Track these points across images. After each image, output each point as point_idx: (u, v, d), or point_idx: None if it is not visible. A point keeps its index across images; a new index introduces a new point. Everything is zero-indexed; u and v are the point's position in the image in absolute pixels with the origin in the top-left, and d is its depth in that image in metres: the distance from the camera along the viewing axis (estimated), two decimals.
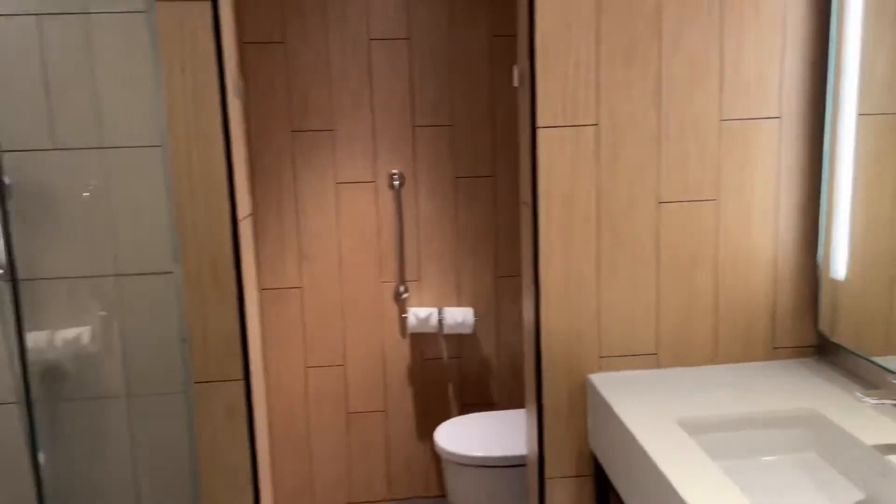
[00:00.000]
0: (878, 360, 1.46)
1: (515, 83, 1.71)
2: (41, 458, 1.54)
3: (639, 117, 1.59)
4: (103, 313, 1.61)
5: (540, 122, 1.58)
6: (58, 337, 1.61)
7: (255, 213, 2.76)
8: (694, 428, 1.39)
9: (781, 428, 1.43)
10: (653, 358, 1.67)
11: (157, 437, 1.60)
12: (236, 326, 1.57)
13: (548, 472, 1.69)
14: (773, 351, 1.69)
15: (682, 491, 1.14)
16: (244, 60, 2.67)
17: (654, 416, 1.42)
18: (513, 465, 2.26)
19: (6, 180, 1.51)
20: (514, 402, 2.92)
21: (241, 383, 1.58)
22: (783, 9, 1.58)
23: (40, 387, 1.58)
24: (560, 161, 1.59)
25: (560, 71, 1.56)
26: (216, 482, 1.60)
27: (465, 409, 2.93)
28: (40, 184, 1.55)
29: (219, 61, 1.50)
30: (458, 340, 2.90)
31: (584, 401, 1.68)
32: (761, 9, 1.58)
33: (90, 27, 1.50)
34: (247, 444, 1.59)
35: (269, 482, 1.79)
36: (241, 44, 2.65)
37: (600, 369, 1.68)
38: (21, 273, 1.48)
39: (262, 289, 2.79)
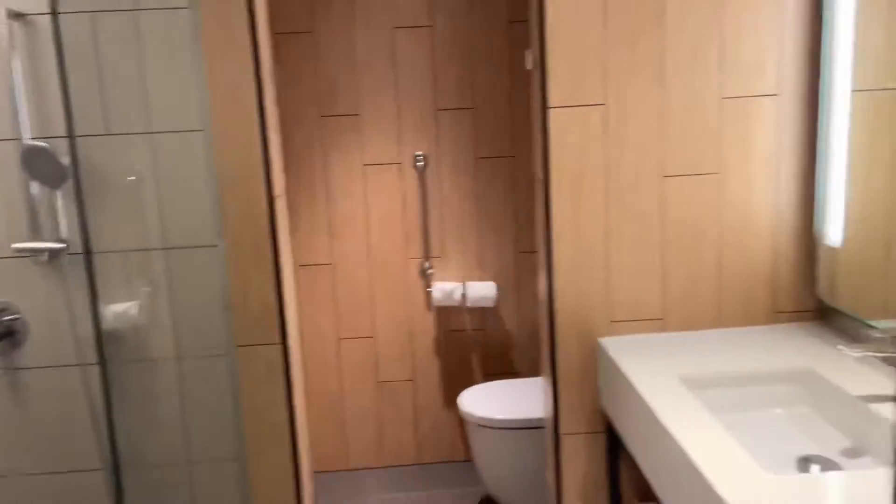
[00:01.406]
0: (871, 321, 1.56)
1: (528, 66, 1.83)
2: (101, 416, 1.70)
3: (644, 96, 1.69)
4: (147, 289, 1.77)
5: (551, 102, 1.69)
6: (110, 309, 1.77)
7: (288, 195, 2.91)
8: (695, 384, 1.51)
9: (777, 384, 1.54)
10: (659, 323, 1.79)
11: (205, 395, 1.77)
12: (273, 295, 1.72)
13: (562, 429, 1.82)
14: (775, 315, 1.79)
15: (680, 437, 1.27)
16: (276, 49, 2.80)
17: (658, 374, 1.54)
18: (533, 426, 2.39)
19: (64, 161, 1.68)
20: (536, 371, 3.05)
21: (279, 347, 1.74)
22: None
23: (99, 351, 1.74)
24: (570, 139, 1.71)
25: (569, 54, 1.67)
26: (258, 436, 1.76)
27: (488, 378, 3.07)
28: (96, 166, 1.71)
29: (254, 52, 1.64)
30: (482, 313, 3.03)
31: (596, 363, 1.80)
32: None
33: (139, 23, 1.65)
34: (284, 402, 1.75)
35: (307, 440, 1.95)
36: (273, 34, 2.79)
37: (610, 334, 1.79)
38: (78, 248, 1.65)
39: (297, 265, 2.95)
